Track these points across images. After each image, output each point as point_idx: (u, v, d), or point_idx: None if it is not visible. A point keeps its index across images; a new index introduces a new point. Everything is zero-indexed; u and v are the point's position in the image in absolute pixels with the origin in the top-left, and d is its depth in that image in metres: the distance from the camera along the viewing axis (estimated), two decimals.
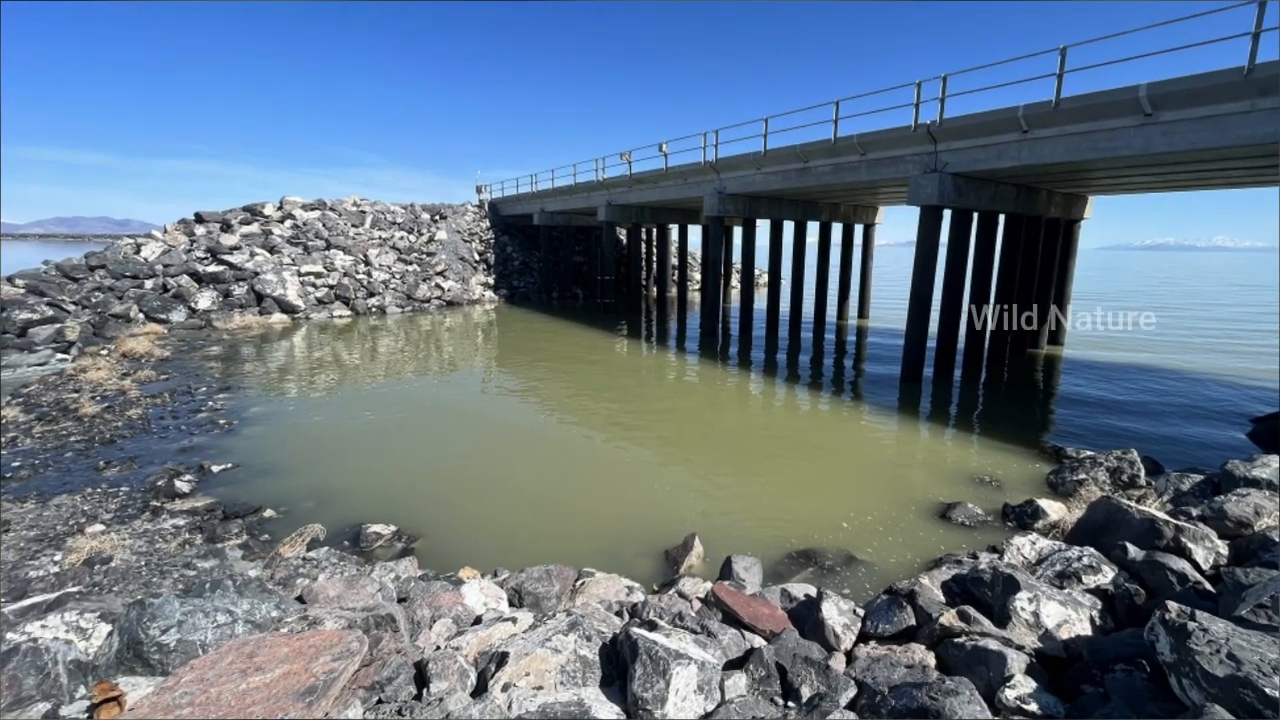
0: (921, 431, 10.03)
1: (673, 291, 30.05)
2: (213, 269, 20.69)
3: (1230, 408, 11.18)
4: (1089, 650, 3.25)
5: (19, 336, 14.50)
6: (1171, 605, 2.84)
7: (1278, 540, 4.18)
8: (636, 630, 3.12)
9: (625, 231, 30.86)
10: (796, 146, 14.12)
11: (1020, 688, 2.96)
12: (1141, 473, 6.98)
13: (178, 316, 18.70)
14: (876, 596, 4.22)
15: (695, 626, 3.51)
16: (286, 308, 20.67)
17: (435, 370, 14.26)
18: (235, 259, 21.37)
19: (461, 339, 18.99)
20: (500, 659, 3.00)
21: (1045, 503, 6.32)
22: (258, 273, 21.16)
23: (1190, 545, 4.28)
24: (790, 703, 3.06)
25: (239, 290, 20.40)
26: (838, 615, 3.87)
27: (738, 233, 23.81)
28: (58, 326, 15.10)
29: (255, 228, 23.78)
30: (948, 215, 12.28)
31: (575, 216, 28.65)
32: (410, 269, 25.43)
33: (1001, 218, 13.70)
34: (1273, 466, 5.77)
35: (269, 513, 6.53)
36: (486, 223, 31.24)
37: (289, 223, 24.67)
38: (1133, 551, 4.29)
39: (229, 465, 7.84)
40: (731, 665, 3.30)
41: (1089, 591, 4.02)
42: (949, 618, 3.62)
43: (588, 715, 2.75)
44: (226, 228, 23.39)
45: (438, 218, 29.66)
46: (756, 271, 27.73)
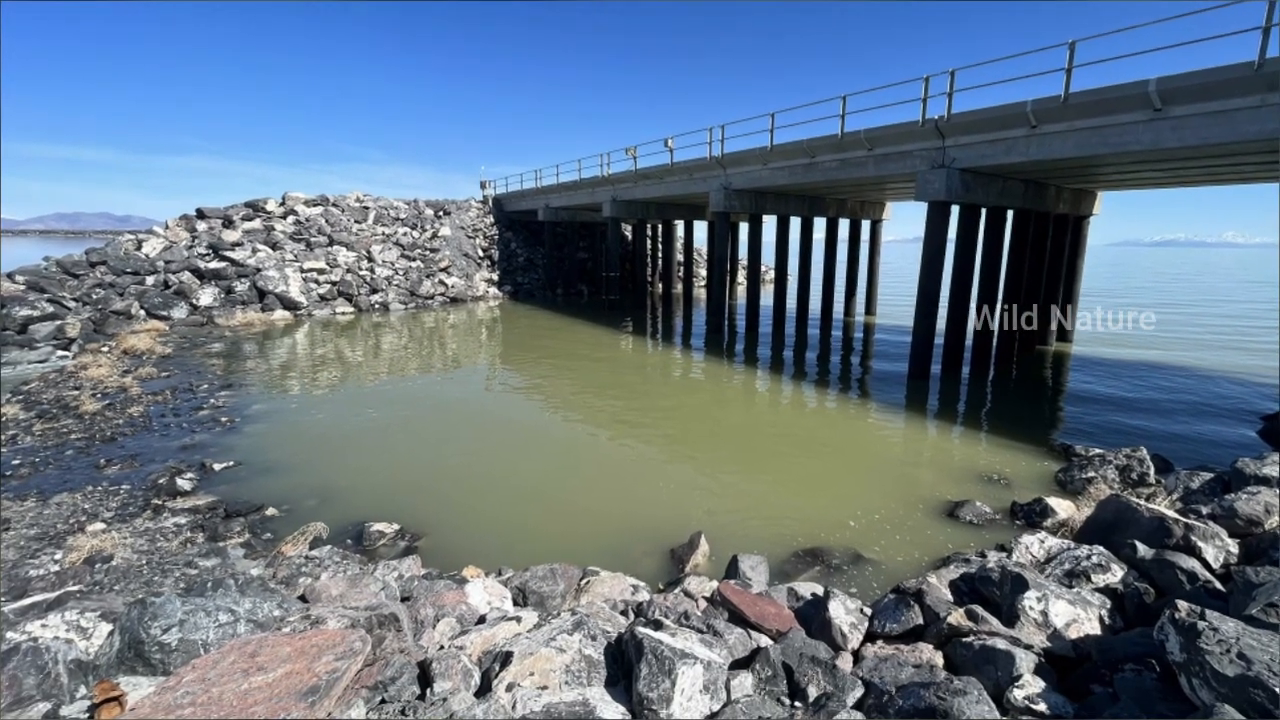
0: (929, 429, 10.00)
1: (678, 288, 30.00)
2: (214, 265, 20.64)
3: (1241, 405, 11.10)
4: (1098, 650, 3.22)
5: (19, 333, 14.48)
6: (1181, 604, 2.82)
7: None
8: (642, 629, 3.10)
9: (630, 228, 30.81)
10: (803, 142, 14.04)
11: (1029, 687, 2.94)
12: (1151, 471, 6.93)
13: (179, 313, 18.67)
14: (884, 595, 4.19)
15: (701, 626, 3.48)
16: (289, 304, 20.66)
17: (439, 367, 14.25)
18: (237, 255, 21.32)
19: (465, 336, 18.97)
20: (504, 659, 2.98)
21: (1054, 501, 6.26)
22: (260, 269, 21.13)
23: (1200, 544, 4.24)
24: (797, 703, 3.03)
25: (241, 287, 20.39)
26: (845, 614, 3.83)
27: (744, 229, 23.73)
28: (58, 323, 15.09)
29: (257, 224, 23.77)
30: (955, 211, 12.23)
31: (580, 212, 28.54)
32: (414, 265, 25.37)
33: (1010, 214, 13.62)
34: None
35: (271, 511, 6.51)
36: (490, 219, 31.13)
37: (291, 219, 24.64)
38: (1142, 550, 4.24)
39: (231, 463, 7.83)
40: (738, 665, 3.27)
41: (1098, 590, 3.98)
42: (957, 617, 3.59)
43: (593, 715, 2.73)
44: (228, 224, 23.39)
45: (441, 213, 29.60)
46: (763, 268, 27.70)
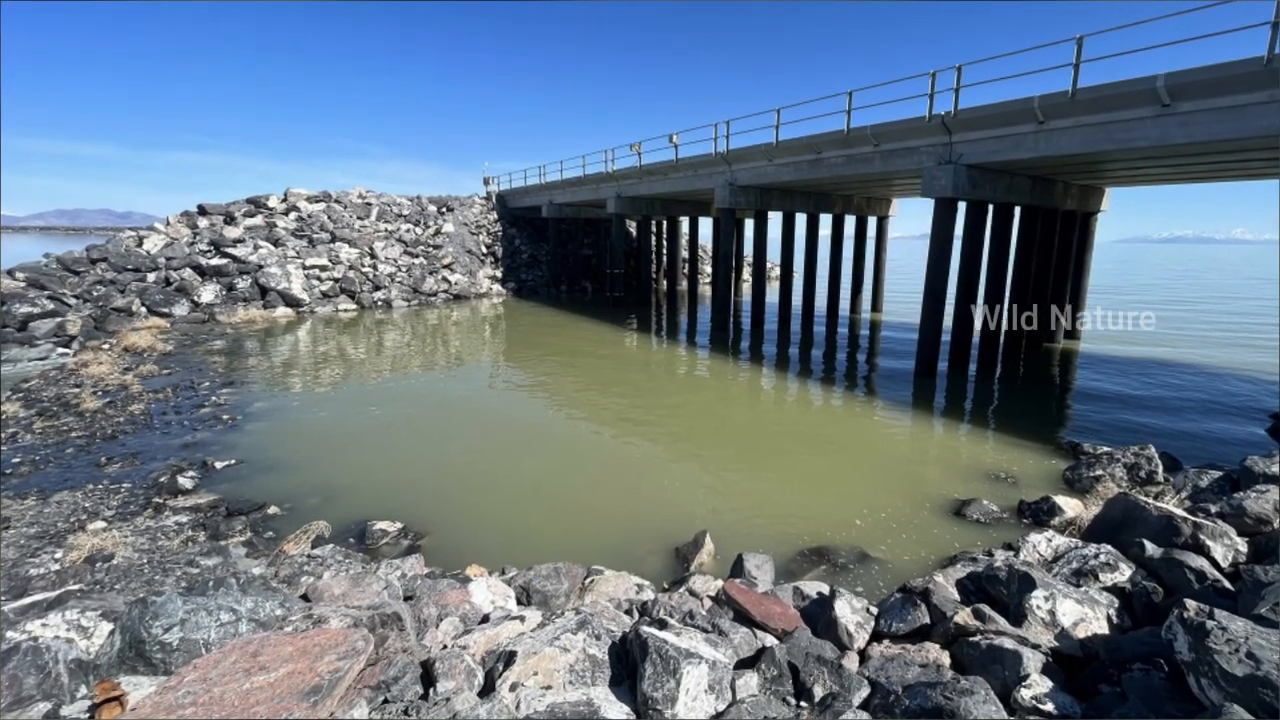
0: (936, 427, 9.95)
1: (683, 285, 29.93)
2: (216, 262, 20.63)
3: (1250, 403, 11.03)
4: (1106, 649, 3.20)
5: (19, 330, 14.48)
6: (1190, 603, 2.80)
7: None
8: (646, 629, 3.08)
9: (635, 224, 30.70)
10: (809, 138, 13.98)
11: (1036, 687, 2.91)
12: (1159, 469, 6.89)
13: (180, 310, 18.68)
14: (890, 595, 4.16)
15: (706, 625, 3.46)
16: (291, 301, 20.67)
17: (442, 365, 14.24)
18: (239, 252, 21.30)
19: (468, 333, 18.95)
20: (508, 658, 2.96)
21: (1061, 499, 6.22)
22: (261, 266, 21.13)
23: (1209, 542, 4.21)
24: (803, 702, 3.01)
25: (243, 284, 20.40)
26: (851, 614, 3.80)
27: (749, 225, 23.69)
28: (59, 320, 15.08)
29: (259, 220, 23.75)
30: (962, 207, 12.14)
31: (584, 209, 28.48)
32: (416, 262, 25.36)
33: (1017, 210, 13.55)
34: None
35: (273, 510, 6.50)
36: (494, 215, 31.09)
37: (293, 215, 24.62)
38: (1150, 549, 4.22)
39: (232, 461, 7.81)
40: (743, 664, 3.24)
41: (1106, 589, 3.95)
42: (964, 616, 3.56)
43: (597, 715, 2.71)
44: (230, 220, 23.36)
45: (444, 210, 29.58)
46: (769, 264, 27.59)
